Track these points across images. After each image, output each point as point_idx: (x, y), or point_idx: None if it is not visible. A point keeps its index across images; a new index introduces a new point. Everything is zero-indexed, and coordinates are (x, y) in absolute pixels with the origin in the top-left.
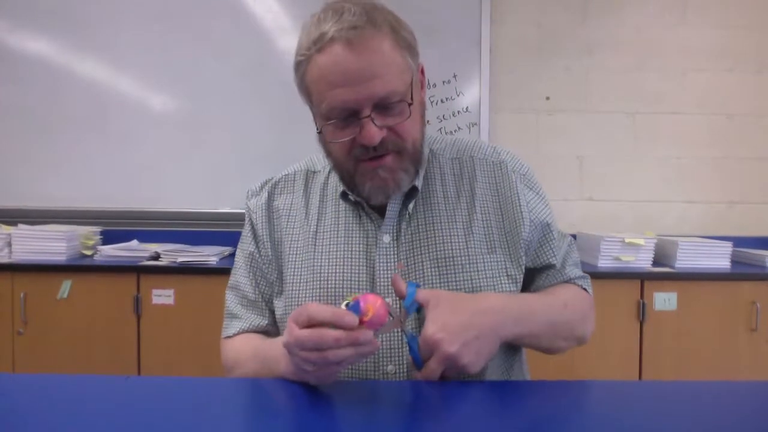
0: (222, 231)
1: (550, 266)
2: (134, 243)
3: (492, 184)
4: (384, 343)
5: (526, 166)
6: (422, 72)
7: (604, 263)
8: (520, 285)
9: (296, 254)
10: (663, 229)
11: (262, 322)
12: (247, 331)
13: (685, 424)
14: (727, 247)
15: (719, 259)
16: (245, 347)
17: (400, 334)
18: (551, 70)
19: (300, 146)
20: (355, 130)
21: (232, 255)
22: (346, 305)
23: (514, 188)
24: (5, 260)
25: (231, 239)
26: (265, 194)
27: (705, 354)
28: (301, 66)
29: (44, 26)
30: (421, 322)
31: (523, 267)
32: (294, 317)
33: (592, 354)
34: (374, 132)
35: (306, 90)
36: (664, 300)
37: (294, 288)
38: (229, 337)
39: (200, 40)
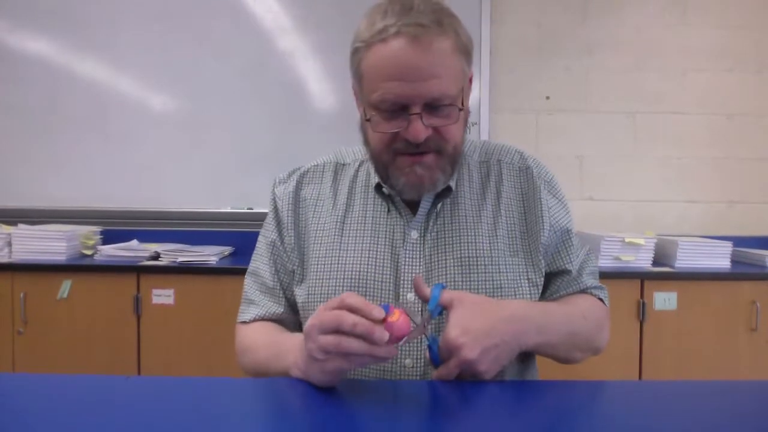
0: (222, 231)
1: (565, 272)
2: (134, 243)
3: (518, 190)
4: None
5: (551, 173)
6: (470, 80)
7: (604, 263)
8: (540, 290)
9: (321, 243)
10: (663, 228)
11: (278, 309)
12: (263, 317)
13: (685, 424)
14: (727, 247)
15: (719, 258)
16: (261, 335)
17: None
18: (551, 70)
19: (300, 146)
20: (401, 125)
21: (232, 255)
22: None
23: (539, 194)
24: (5, 260)
25: (231, 239)
26: (293, 182)
27: (705, 354)
28: (358, 52)
29: (44, 26)
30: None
31: (543, 272)
32: (326, 302)
33: None
34: (421, 129)
35: (359, 76)
36: (664, 300)
37: (317, 276)
38: (245, 322)
39: (200, 40)
